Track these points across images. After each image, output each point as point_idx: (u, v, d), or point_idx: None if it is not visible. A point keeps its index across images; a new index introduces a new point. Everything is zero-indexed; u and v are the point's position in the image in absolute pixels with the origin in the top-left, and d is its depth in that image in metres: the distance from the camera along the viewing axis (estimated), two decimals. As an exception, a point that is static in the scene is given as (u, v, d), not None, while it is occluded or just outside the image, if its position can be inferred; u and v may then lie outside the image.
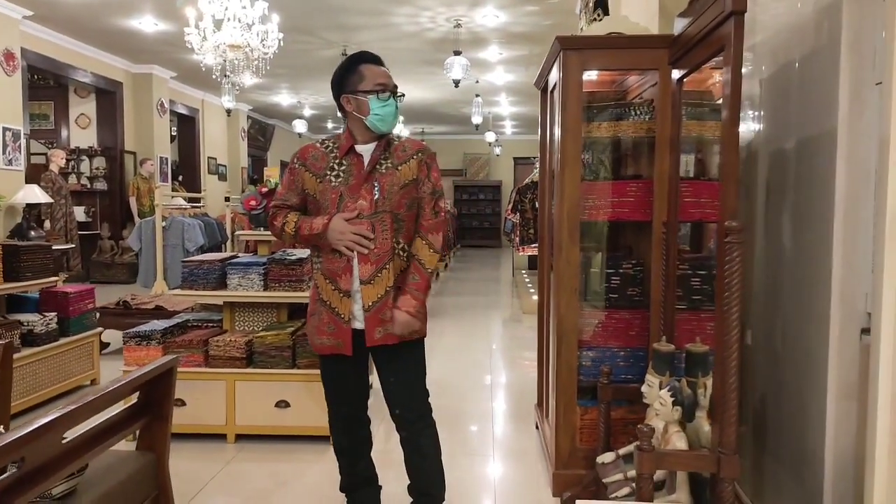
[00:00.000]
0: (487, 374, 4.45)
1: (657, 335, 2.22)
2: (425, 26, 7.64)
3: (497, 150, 16.71)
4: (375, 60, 2.04)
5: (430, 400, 2.09)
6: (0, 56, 6.66)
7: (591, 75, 2.64)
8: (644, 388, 2.00)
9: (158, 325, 3.12)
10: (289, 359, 2.95)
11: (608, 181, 2.54)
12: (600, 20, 2.59)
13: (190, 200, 7.70)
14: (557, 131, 2.46)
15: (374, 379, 2.20)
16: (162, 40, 8.01)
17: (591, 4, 2.77)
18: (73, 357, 3.74)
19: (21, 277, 3.52)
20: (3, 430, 1.70)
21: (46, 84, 9.27)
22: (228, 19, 4.88)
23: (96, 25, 7.46)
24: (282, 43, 5.35)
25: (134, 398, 1.92)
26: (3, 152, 6.75)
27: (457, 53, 7.87)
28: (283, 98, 12.31)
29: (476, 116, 10.80)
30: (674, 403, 1.83)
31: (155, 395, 1.92)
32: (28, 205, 6.69)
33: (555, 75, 2.54)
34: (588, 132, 2.51)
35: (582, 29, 2.98)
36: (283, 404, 2.93)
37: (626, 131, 2.51)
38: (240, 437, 2.99)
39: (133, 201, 8.96)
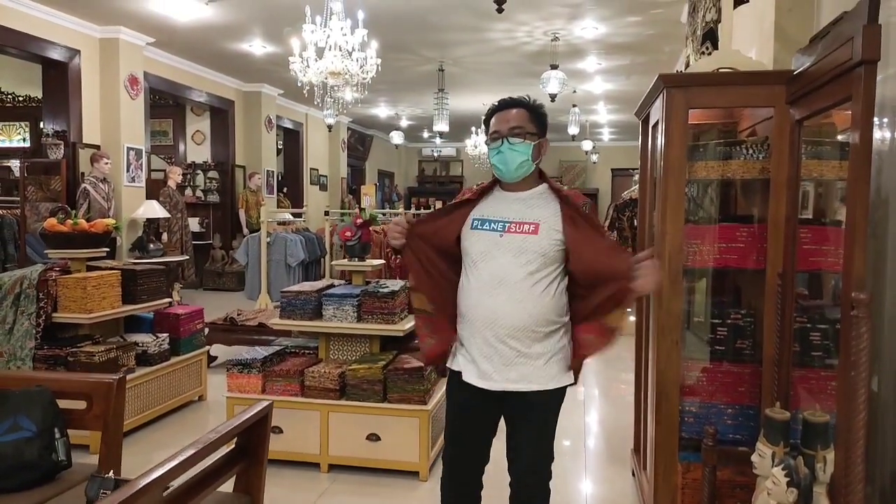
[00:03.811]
0: (580, 406, 4.31)
1: (770, 396, 2.05)
2: (522, 40, 7.57)
3: (594, 158, 16.31)
4: (503, 106, 1.98)
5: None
6: (126, 81, 7.22)
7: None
8: (755, 458, 1.85)
9: (259, 353, 3.25)
10: (380, 393, 2.98)
11: (714, 224, 2.38)
12: (709, 54, 2.43)
13: (295, 214, 8.03)
14: (659, 169, 2.33)
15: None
16: (270, 61, 8.40)
17: (698, 34, 2.61)
18: (184, 375, 3.97)
19: (137, 300, 3.78)
20: (113, 476, 1.80)
21: (166, 103, 9.96)
22: (330, 47, 5.02)
23: (210, 49, 7.93)
24: (380, 68, 5.46)
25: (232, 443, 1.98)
26: (127, 170, 7.30)
27: (553, 67, 7.74)
28: (382, 110, 12.59)
29: (573, 127, 10.58)
30: (788, 484, 1.67)
31: (251, 441, 1.98)
32: (148, 219, 7.19)
33: (657, 112, 2.41)
34: (692, 171, 2.36)
35: (689, 56, 2.81)
36: (374, 437, 2.96)
37: (735, 171, 2.34)
38: (333, 468, 3.05)
39: (242, 213, 9.45)
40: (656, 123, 2.46)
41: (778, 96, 2.13)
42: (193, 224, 9.29)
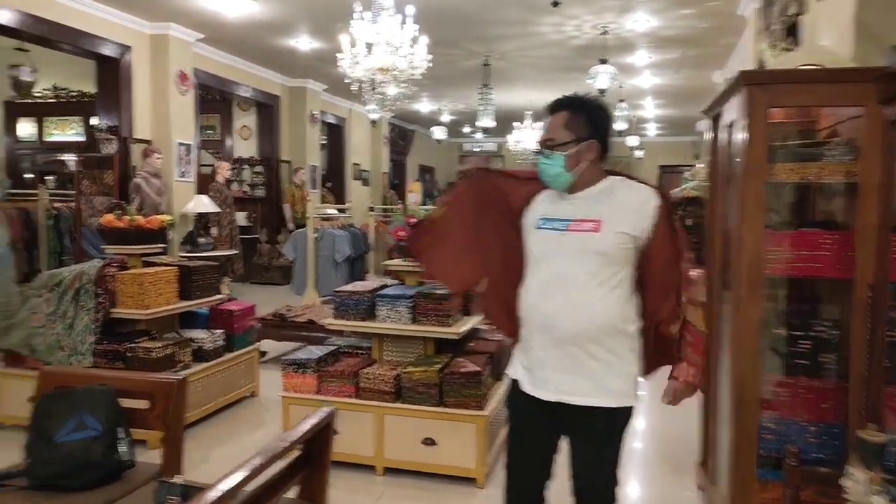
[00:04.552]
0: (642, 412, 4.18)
1: (858, 415, 1.93)
2: (570, 34, 7.43)
3: (639, 154, 15.99)
4: (548, 112, 1.91)
5: None
6: (176, 77, 7.31)
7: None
8: (847, 483, 1.73)
9: (314, 352, 3.23)
10: (436, 396, 2.93)
11: (792, 229, 2.25)
12: (792, 50, 2.29)
13: (338, 209, 8.05)
14: (736, 171, 2.22)
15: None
16: (315, 56, 8.42)
17: (775, 28, 2.47)
18: (237, 371, 3.99)
19: (192, 296, 3.81)
20: (180, 481, 1.79)
21: (213, 98, 10.09)
22: (379, 44, 4.98)
23: (258, 45, 7.99)
24: (431, 64, 5.40)
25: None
26: (178, 165, 7.41)
27: (602, 62, 7.57)
28: (424, 105, 12.55)
29: (620, 122, 10.37)
30: (890, 515, 1.56)
31: (315, 447, 1.95)
32: (198, 214, 7.29)
33: (733, 111, 2.30)
34: (770, 173, 2.23)
35: (763, 51, 2.67)
36: (429, 441, 2.92)
37: (817, 174, 2.21)
38: (388, 471, 3.02)
39: (287, 208, 9.53)
40: (732, 122, 2.35)
41: (868, 95, 1.99)
42: (241, 218, 9.40)
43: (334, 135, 12.01)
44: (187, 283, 3.78)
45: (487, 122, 9.55)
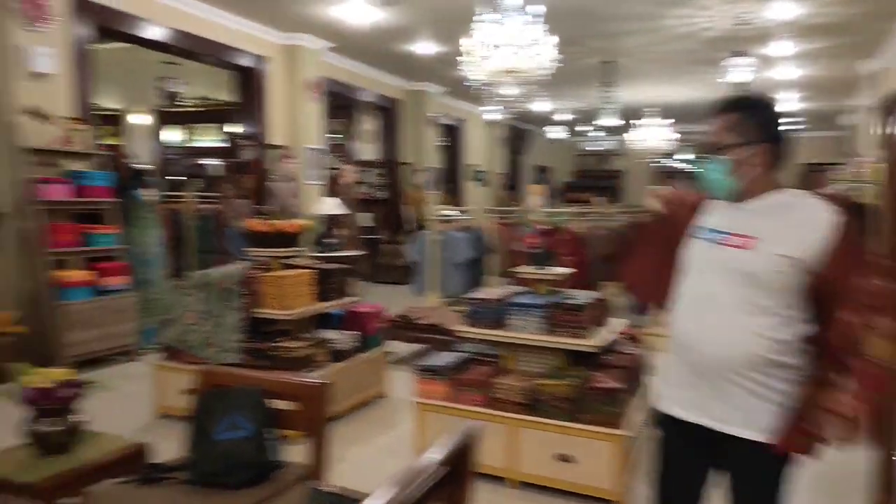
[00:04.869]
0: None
1: None
2: (701, 26, 7.03)
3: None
4: (717, 111, 1.73)
5: None
6: (308, 85, 7.66)
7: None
8: None
9: (446, 358, 3.24)
10: (571, 411, 2.83)
11: None
12: None
13: (457, 211, 8.10)
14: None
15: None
16: (435, 60, 8.53)
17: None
18: (368, 371, 4.10)
19: (328, 297, 3.95)
20: (331, 488, 1.83)
21: (339, 104, 10.49)
22: (505, 45, 4.93)
23: (381, 51, 8.21)
24: (561, 64, 5.29)
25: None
26: (309, 169, 7.77)
27: (738, 54, 7.11)
28: (541, 105, 12.38)
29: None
30: None
31: (460, 463, 1.92)
32: (326, 215, 7.59)
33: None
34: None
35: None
36: (564, 458, 2.83)
37: None
38: (521, 485, 2.96)
39: (407, 209, 9.74)
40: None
41: None
42: (365, 219, 9.72)
43: (451, 136, 12.13)
44: (324, 285, 3.92)
45: (610, 120, 9.26)
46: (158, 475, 2.12)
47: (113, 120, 11.05)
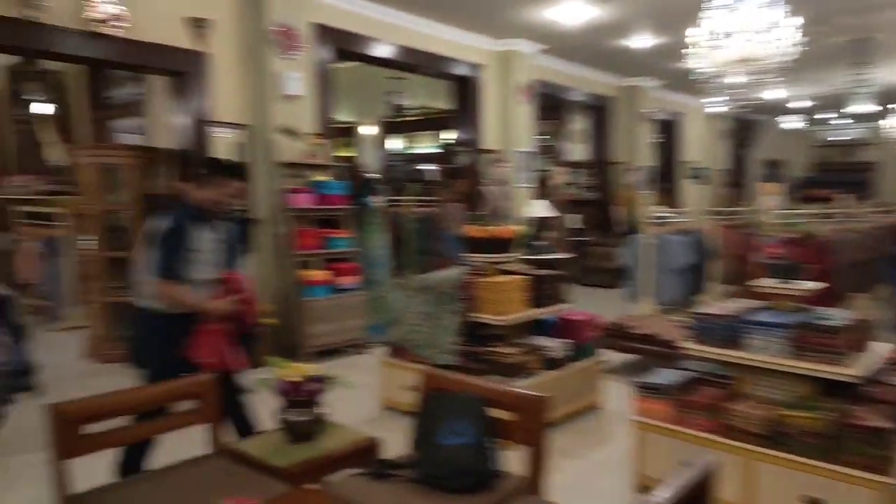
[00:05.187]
0: None
1: None
2: None
3: None
4: None
5: None
6: (519, 89, 7.73)
7: None
8: None
9: (669, 377, 3.02)
10: (825, 449, 2.47)
11: None
12: None
13: (673, 212, 7.61)
14: None
15: None
16: (652, 53, 8.10)
17: None
18: (581, 381, 4.00)
19: (543, 304, 3.93)
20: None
21: (549, 105, 10.45)
22: (738, 33, 4.50)
23: (592, 49, 7.99)
24: (806, 48, 4.70)
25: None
26: (519, 172, 7.84)
27: None
28: (773, 92, 11.15)
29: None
30: None
31: (696, 501, 1.76)
32: (536, 218, 7.60)
33: None
34: None
35: None
36: (813, 502, 2.48)
37: None
38: (761, 523, 2.66)
39: (619, 210, 9.40)
40: None
41: None
42: (574, 221, 9.58)
43: (667, 132, 11.46)
44: (537, 291, 3.90)
45: (861, 105, 8.04)
46: (387, 471, 2.25)
47: (346, 132, 12.21)
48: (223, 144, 5.19)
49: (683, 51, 5.04)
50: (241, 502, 1.76)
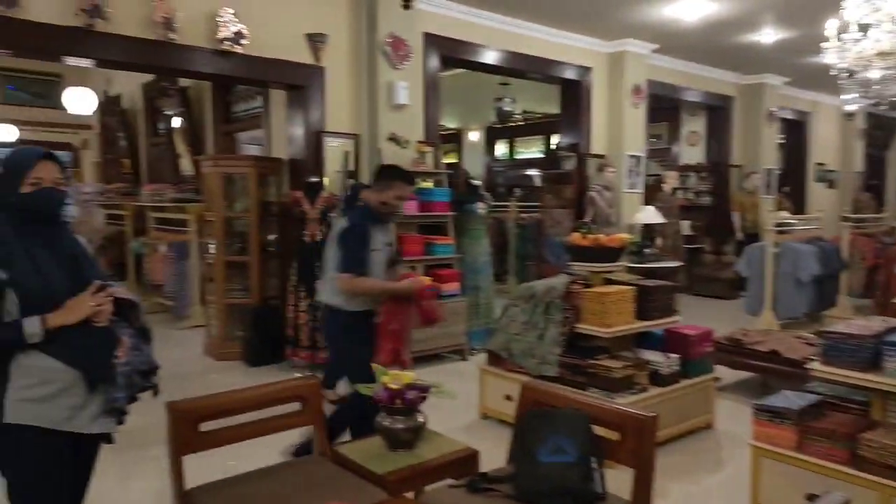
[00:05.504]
0: None
1: None
2: None
3: None
4: None
5: None
6: (630, 91, 7.47)
7: None
8: None
9: (792, 400, 2.78)
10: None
11: None
12: None
13: (799, 219, 7.07)
14: None
15: None
16: (779, 48, 7.56)
17: None
18: (692, 399, 3.78)
19: (650, 316, 3.75)
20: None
21: (660, 106, 10.03)
22: (880, 23, 4.09)
23: (710, 46, 7.58)
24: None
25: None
26: (628, 177, 7.57)
27: None
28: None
29: None
30: None
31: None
32: (644, 224, 7.31)
33: None
34: None
35: None
36: (964, 549, 2.19)
37: None
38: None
39: (736, 216, 8.86)
40: None
41: None
42: (685, 227, 9.13)
43: (793, 132, 10.67)
44: (645, 302, 3.74)
45: None
46: (485, 485, 2.21)
47: (451, 139, 12.36)
48: (335, 154, 5.39)
49: (821, 44, 4.65)
50: (340, 507, 1.79)
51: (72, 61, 4.85)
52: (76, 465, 1.93)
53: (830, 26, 4.38)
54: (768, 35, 7.05)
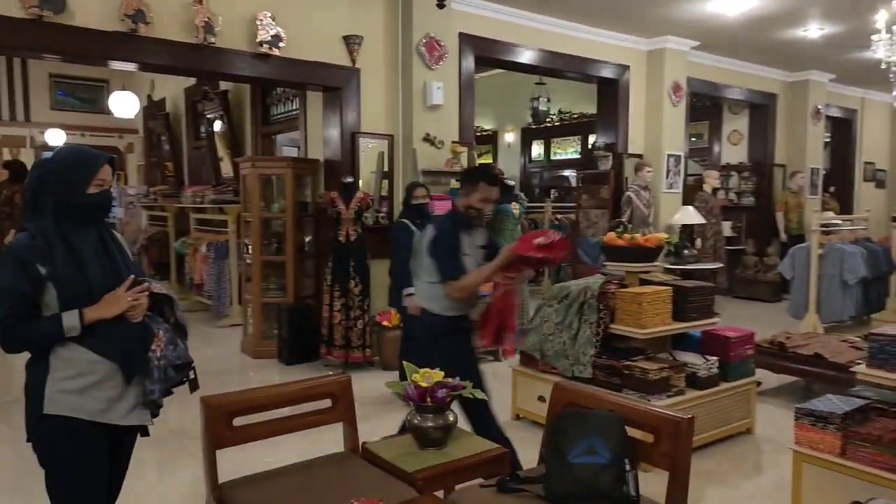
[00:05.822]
0: None
1: None
2: None
3: None
4: None
5: None
6: (669, 89, 7.33)
7: None
8: None
9: (836, 404, 2.68)
10: None
11: None
12: None
13: (846, 220, 6.83)
14: None
15: None
16: (825, 44, 7.32)
17: None
18: (731, 403, 3.68)
19: (687, 318, 3.67)
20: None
21: (702, 105, 9.82)
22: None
23: (754, 42, 7.39)
24: None
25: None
26: (666, 176, 7.43)
27: None
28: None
29: None
30: None
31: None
32: (683, 225, 7.16)
33: None
34: None
35: None
36: None
37: None
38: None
39: (780, 217, 8.62)
40: None
41: None
42: (726, 228, 8.92)
43: (840, 130, 10.34)
44: (682, 303, 3.66)
45: None
46: (516, 486, 2.19)
47: (487, 139, 12.33)
48: (370, 154, 5.42)
49: (870, 38, 4.49)
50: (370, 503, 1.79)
51: (116, 65, 4.99)
52: (113, 457, 1.98)
53: (880, 19, 4.22)
54: (814, 30, 6.84)
